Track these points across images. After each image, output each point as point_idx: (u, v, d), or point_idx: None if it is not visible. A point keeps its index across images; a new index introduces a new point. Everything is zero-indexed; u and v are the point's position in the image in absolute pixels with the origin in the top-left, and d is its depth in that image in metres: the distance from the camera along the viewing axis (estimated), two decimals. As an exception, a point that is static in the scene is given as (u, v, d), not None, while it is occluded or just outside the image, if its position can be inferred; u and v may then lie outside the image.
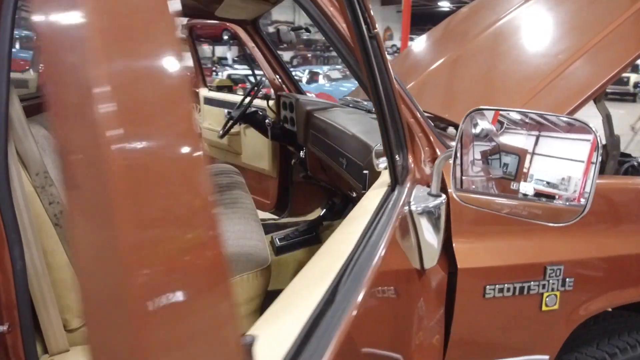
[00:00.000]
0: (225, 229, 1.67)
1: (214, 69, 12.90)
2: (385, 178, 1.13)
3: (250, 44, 2.78)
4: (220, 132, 2.68)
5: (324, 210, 2.55)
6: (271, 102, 2.92)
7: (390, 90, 1.02)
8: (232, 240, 1.59)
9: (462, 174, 0.98)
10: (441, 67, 1.92)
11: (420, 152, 1.22)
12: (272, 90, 2.91)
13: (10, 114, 1.06)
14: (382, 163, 1.17)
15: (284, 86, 2.85)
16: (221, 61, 18.02)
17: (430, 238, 1.06)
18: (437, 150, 1.22)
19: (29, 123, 1.12)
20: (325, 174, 2.32)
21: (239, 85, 12.14)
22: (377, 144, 1.26)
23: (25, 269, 1.01)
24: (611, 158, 1.83)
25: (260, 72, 2.99)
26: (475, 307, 1.16)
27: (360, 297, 0.68)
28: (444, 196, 1.07)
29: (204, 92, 3.49)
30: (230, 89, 10.30)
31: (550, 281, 1.16)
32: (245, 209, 1.87)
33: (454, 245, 1.13)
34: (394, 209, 0.94)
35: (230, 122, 2.57)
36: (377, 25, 1.00)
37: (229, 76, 12.83)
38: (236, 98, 3.13)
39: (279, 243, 2.18)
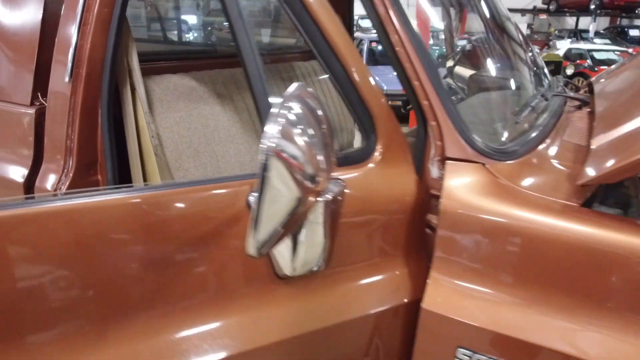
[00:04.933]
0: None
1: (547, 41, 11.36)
2: None
3: None
4: None
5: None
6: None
7: None
8: None
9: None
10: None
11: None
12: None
13: (131, 63, 1.25)
14: None
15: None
16: (581, 34, 15.63)
17: None
18: None
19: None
20: None
21: (577, 61, 10.45)
22: None
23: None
24: None
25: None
26: None
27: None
28: None
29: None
30: (558, 66, 8.92)
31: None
32: None
33: None
34: None
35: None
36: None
37: (568, 50, 11.18)
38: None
39: None
